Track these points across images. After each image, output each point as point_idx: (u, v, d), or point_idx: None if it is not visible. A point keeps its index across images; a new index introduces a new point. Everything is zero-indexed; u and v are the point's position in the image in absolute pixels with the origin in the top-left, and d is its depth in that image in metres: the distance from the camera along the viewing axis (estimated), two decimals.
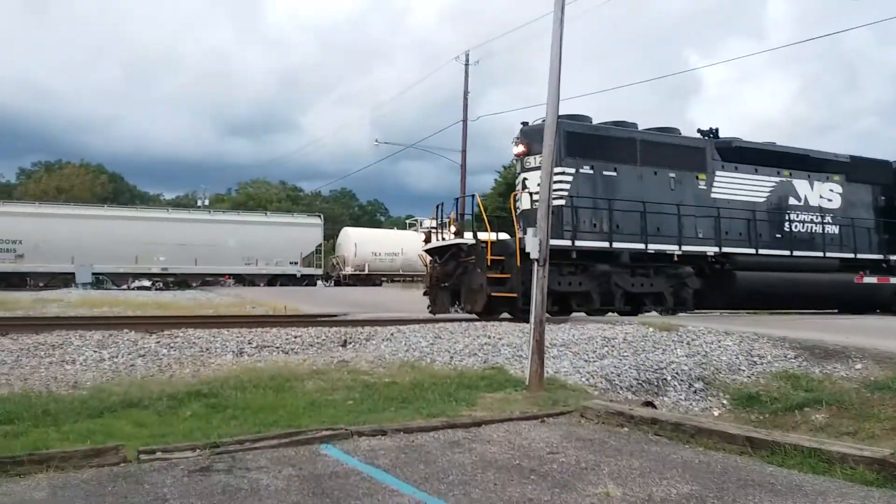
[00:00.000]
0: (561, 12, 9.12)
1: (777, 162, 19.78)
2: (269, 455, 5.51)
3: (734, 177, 18.90)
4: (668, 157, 17.93)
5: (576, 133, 16.73)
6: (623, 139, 17.60)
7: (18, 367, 8.64)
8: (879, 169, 21.82)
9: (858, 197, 21.09)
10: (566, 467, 5.30)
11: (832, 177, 20.62)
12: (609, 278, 16.23)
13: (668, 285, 17.19)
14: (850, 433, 7.78)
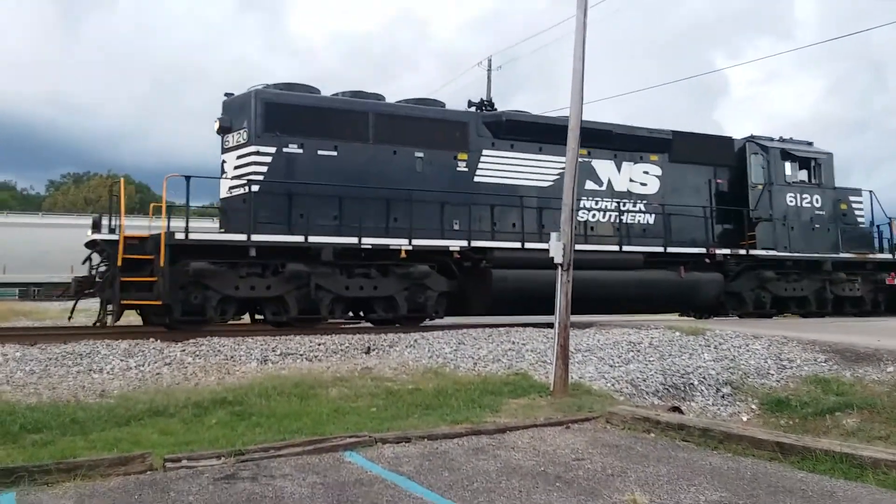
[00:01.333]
0: (584, 15, 9.08)
1: None
2: (294, 462, 5.52)
3: (508, 157, 15.65)
4: (415, 134, 14.84)
5: (277, 104, 13.80)
6: (349, 112, 14.40)
7: (47, 377, 8.73)
8: (716, 147, 18.56)
9: (685, 180, 17.76)
10: (592, 474, 5.25)
11: (648, 156, 17.32)
12: (308, 280, 13.14)
13: (401, 287, 14.02)
14: (882, 437, 7.66)
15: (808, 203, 18.99)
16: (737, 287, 17.66)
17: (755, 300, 17.95)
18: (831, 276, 18.71)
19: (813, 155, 19.42)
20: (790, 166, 18.94)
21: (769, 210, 18.19)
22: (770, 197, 18.31)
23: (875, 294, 19.78)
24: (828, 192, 19.36)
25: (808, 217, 18.81)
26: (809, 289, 18.63)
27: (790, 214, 18.53)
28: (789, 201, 18.64)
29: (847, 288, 19.16)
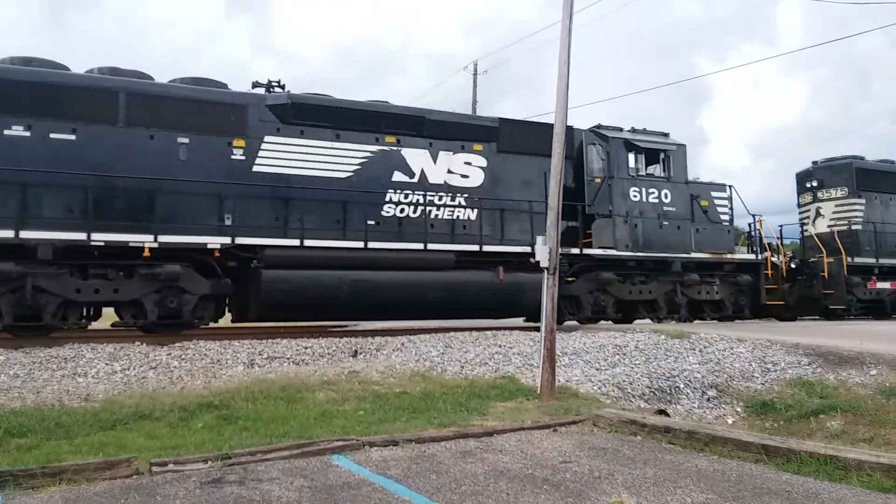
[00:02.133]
0: (569, 21, 9.13)
1: (377, 126, 14.57)
2: (281, 466, 5.50)
3: (296, 144, 13.91)
4: (178, 117, 13.04)
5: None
6: (93, 90, 12.57)
7: (31, 380, 8.66)
8: None
9: (516, 173, 15.86)
10: (579, 476, 5.27)
11: (472, 146, 15.49)
12: (24, 281, 11.36)
13: (149, 290, 12.32)
14: (865, 440, 7.73)
15: (656, 198, 17.18)
16: (574, 290, 15.98)
17: (594, 304, 16.18)
18: (683, 277, 17.12)
19: (662, 146, 17.58)
20: (635, 158, 17.11)
21: (609, 205, 16.47)
22: (610, 191, 16.57)
23: (737, 297, 18.25)
24: (680, 186, 17.57)
25: (655, 213, 17.03)
26: (658, 291, 16.93)
27: (634, 210, 16.76)
28: (633, 196, 16.86)
29: (703, 290, 17.63)
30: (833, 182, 21.71)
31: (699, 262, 17.51)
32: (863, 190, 21.29)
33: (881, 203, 21.64)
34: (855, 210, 21.17)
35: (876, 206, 21.45)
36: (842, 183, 21.48)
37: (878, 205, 21.54)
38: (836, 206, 21.50)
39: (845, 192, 21.38)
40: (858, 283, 20.32)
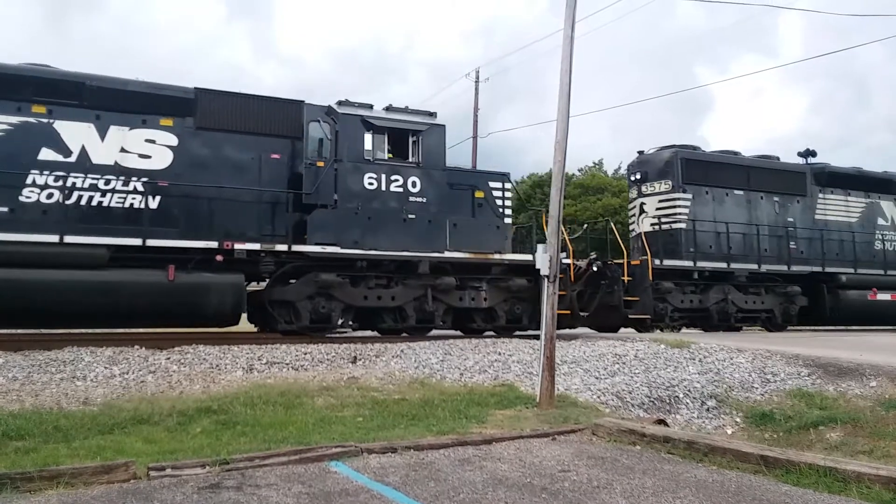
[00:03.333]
0: (571, 29, 9.16)
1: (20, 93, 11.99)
2: (279, 472, 5.49)
3: None
4: None
5: None
6: None
7: (30, 384, 8.65)
8: (273, 113, 13.85)
9: (220, 154, 13.36)
10: (578, 486, 5.25)
11: (157, 121, 12.97)
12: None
13: None
14: (865, 452, 7.71)
15: (400, 187, 14.18)
16: (290, 294, 13.51)
17: (314, 311, 13.49)
18: (435, 281, 14.20)
19: (410, 126, 14.46)
20: (373, 139, 14.06)
21: (333, 194, 13.65)
22: (336, 178, 13.72)
23: (512, 305, 15.14)
24: (435, 174, 14.57)
25: (398, 205, 14.11)
26: (405, 297, 14.13)
27: (370, 201, 13.91)
28: (368, 184, 13.94)
29: (467, 297, 14.68)
30: (657, 175, 18.91)
31: (459, 263, 14.50)
32: (689, 184, 18.55)
33: (714, 199, 18.89)
34: (678, 206, 18.40)
35: (706, 201, 18.72)
36: (666, 176, 18.70)
37: (710, 200, 18.79)
38: (659, 201, 18.69)
39: (669, 185, 18.57)
40: (671, 289, 17.44)
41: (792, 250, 19.36)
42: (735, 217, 18.86)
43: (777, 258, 19.07)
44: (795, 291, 18.94)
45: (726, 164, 19.55)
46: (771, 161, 20.40)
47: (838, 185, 20.86)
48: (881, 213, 21.44)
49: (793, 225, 19.68)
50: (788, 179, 20.17)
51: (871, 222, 21.21)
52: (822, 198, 20.49)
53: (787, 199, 19.93)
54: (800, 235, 19.67)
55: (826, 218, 20.37)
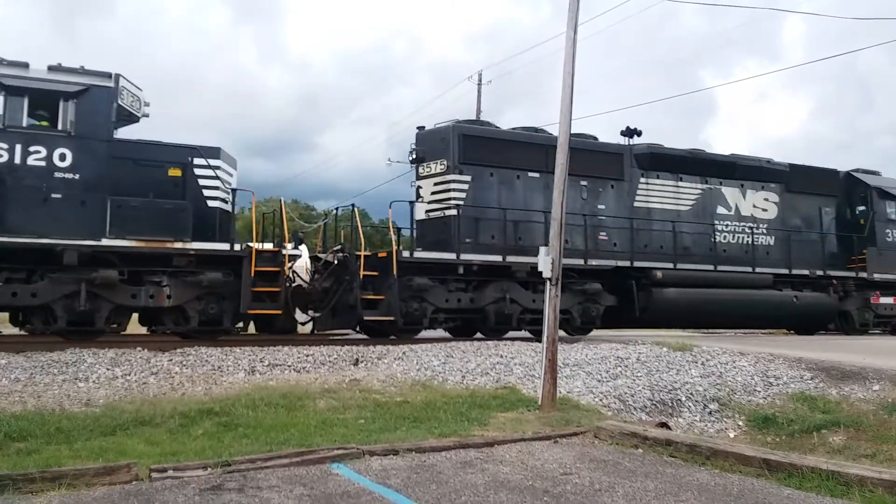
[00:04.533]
0: (573, 32, 9.16)
1: None
2: (281, 474, 5.49)
3: None
4: None
5: None
6: None
7: (32, 385, 8.66)
8: None
9: None
10: (580, 489, 5.25)
11: None
12: None
13: None
14: (868, 455, 7.70)
15: (42, 160, 11.37)
16: None
17: None
18: (91, 274, 11.48)
19: (57, 87, 11.69)
20: (5, 101, 11.33)
21: None
22: None
23: (207, 303, 12.53)
24: (96, 144, 11.77)
25: (38, 182, 11.28)
26: (50, 295, 11.40)
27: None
28: None
29: (145, 294, 12.08)
30: (433, 154, 15.91)
31: (127, 254, 11.95)
32: (469, 164, 15.58)
33: (501, 182, 15.96)
34: (452, 190, 15.43)
35: (489, 185, 15.79)
36: (442, 155, 15.70)
37: (495, 184, 15.87)
38: (434, 184, 15.82)
39: (444, 166, 15.63)
40: (429, 286, 14.32)
41: (601, 242, 16.61)
42: (528, 203, 15.98)
43: (580, 251, 15.93)
44: (595, 289, 16.00)
45: (519, 142, 16.38)
46: (581, 140, 16.72)
47: (666, 168, 18.02)
48: (721, 201, 18.69)
49: (603, 213, 16.84)
50: (601, 161, 17.07)
51: (707, 211, 18.42)
52: (644, 183, 17.60)
53: (599, 183, 16.95)
54: (611, 225, 16.84)
55: (649, 206, 17.58)
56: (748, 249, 18.58)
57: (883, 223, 20.84)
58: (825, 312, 19.61)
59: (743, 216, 18.91)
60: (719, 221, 18.51)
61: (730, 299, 17.43)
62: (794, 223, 19.87)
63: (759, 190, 19.33)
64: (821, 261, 19.49)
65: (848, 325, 20.23)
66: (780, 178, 19.63)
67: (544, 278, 8.93)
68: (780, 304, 18.23)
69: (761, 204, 19.34)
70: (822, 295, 19.18)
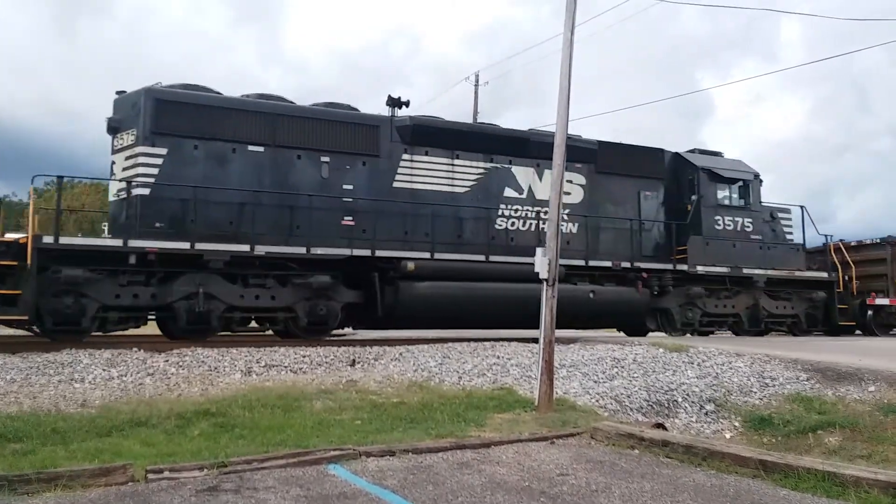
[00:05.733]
0: (571, 33, 9.17)
1: None
2: (277, 475, 5.48)
3: None
4: None
5: None
6: None
7: (28, 385, 8.64)
8: None
9: None
10: (576, 489, 5.25)
11: None
12: None
13: None
14: (863, 456, 7.71)
15: None
16: None
17: None
18: None
19: None
20: None
21: None
22: None
23: None
24: None
25: None
26: None
27: None
28: None
29: None
30: (128, 123, 13.46)
31: None
32: (164, 134, 13.16)
33: (208, 155, 13.50)
34: (141, 165, 13.01)
35: (192, 159, 13.36)
36: (134, 124, 13.28)
37: (200, 158, 13.42)
38: (125, 158, 13.38)
39: (133, 137, 13.20)
40: (88, 278, 11.92)
41: (344, 227, 14.17)
42: (246, 182, 13.70)
43: (317, 238, 13.74)
44: (323, 282, 13.57)
45: (235, 109, 13.90)
46: (326, 110, 14.92)
47: (439, 144, 15.53)
48: (511, 182, 16.15)
49: (350, 194, 14.43)
50: (351, 135, 14.71)
51: (492, 194, 15.90)
52: (408, 160, 15.20)
53: (347, 159, 14.59)
54: (361, 208, 14.39)
55: (413, 186, 15.13)
56: (541, 237, 14.90)
57: (711, 209, 18.08)
58: (632, 310, 16.85)
59: (539, 200, 16.10)
60: (507, 206, 16.03)
61: (505, 294, 14.76)
62: (605, 208, 17.25)
63: None
64: (629, 251, 16.87)
65: (669, 325, 17.48)
66: (588, 157, 17.03)
67: (541, 279, 8.95)
68: (573, 301, 14.93)
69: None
70: (628, 290, 16.55)
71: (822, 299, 19.36)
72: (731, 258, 17.89)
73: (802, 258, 19.64)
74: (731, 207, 18.44)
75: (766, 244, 18.79)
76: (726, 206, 18.32)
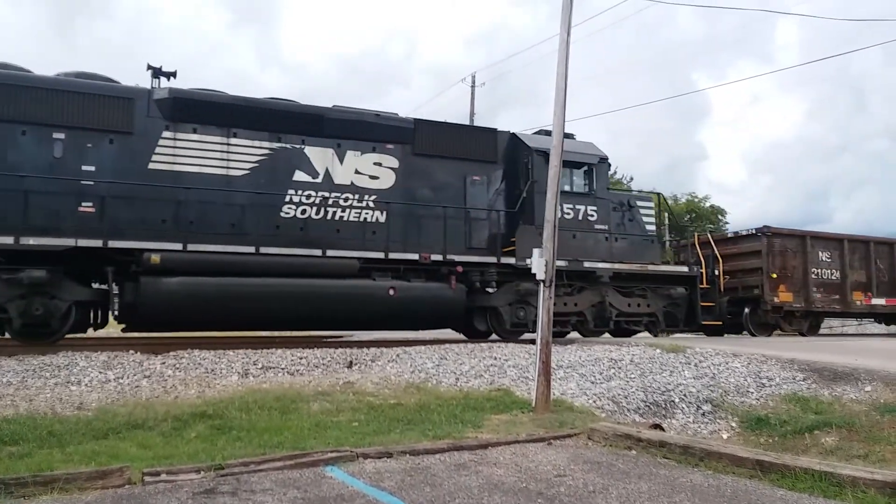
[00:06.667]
0: (567, 34, 9.18)
1: None
2: (274, 477, 5.47)
3: None
4: None
5: None
6: None
7: (24, 388, 8.62)
8: None
9: None
10: (574, 490, 5.25)
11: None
12: None
13: None
14: (860, 456, 7.72)
15: None
16: None
17: None
18: None
19: None
20: None
21: None
22: None
23: None
24: None
25: None
26: None
27: None
28: None
29: None
30: None
31: None
32: None
33: None
34: None
35: None
36: None
37: None
38: None
39: None
40: None
41: (82, 214, 12.28)
42: None
43: (37, 227, 11.73)
44: (38, 278, 11.48)
45: None
46: (66, 80, 12.81)
47: (210, 120, 13.54)
48: (303, 165, 14.13)
49: (92, 176, 12.44)
50: (96, 108, 12.69)
51: (278, 177, 13.89)
52: (170, 138, 13.22)
53: (88, 137, 12.64)
54: (106, 192, 12.41)
55: (176, 168, 13.18)
56: (340, 227, 14.18)
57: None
58: (445, 308, 14.62)
59: (339, 185, 14.35)
60: (297, 191, 14.01)
61: (278, 292, 12.92)
62: (423, 195, 15.10)
63: (369, 152, 14.64)
64: (443, 243, 14.60)
65: (499, 326, 15.30)
66: (402, 137, 15.05)
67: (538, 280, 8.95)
68: (368, 299, 13.66)
69: (369, 169, 14.63)
70: (440, 286, 14.42)
71: (683, 296, 17.15)
72: (570, 250, 15.50)
73: (658, 251, 17.58)
74: (572, 194, 16.16)
75: (614, 235, 16.64)
76: (566, 193, 15.72)
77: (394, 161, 14.87)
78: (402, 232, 14.67)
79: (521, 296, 15.22)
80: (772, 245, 19.55)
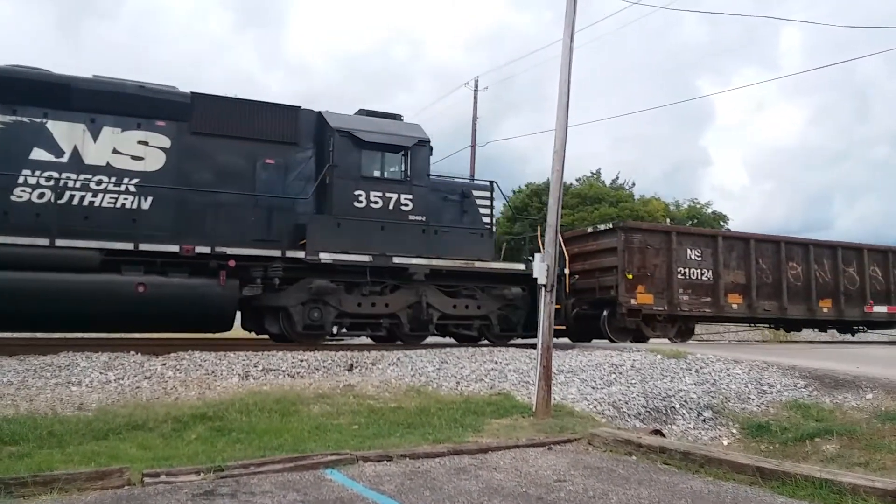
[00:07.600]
0: (570, 39, 9.19)
1: None
2: (274, 479, 5.47)
3: None
4: None
5: None
6: None
7: (24, 388, 8.62)
8: None
9: None
10: (574, 496, 5.24)
11: None
12: None
13: None
14: (861, 464, 7.70)
15: None
16: None
17: None
18: None
19: None
20: None
21: None
22: None
23: None
24: None
25: None
26: None
27: None
28: None
29: None
30: None
31: None
32: None
33: None
34: None
35: None
36: None
37: None
38: None
39: None
40: None
41: None
42: None
43: None
44: None
45: None
46: None
47: None
48: (44, 142, 12.27)
49: None
50: None
51: (9, 155, 11.92)
52: None
53: None
54: None
55: None
56: (88, 214, 12.35)
57: (350, 181, 13.96)
58: (212, 307, 12.71)
59: (89, 166, 12.48)
60: (35, 172, 12.08)
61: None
62: (202, 178, 13.29)
63: (132, 129, 12.87)
64: (215, 233, 12.86)
65: (291, 329, 13.66)
66: (176, 113, 13.26)
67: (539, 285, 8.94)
68: (111, 296, 11.80)
69: (132, 149, 12.83)
70: (206, 282, 12.56)
71: (521, 297, 15.13)
72: (376, 244, 13.90)
73: (490, 246, 15.55)
74: (382, 181, 14.33)
75: (434, 227, 14.61)
76: (373, 179, 14.19)
77: (164, 140, 13.08)
78: (173, 221, 12.92)
79: (314, 295, 13.51)
80: (629, 241, 17.26)
